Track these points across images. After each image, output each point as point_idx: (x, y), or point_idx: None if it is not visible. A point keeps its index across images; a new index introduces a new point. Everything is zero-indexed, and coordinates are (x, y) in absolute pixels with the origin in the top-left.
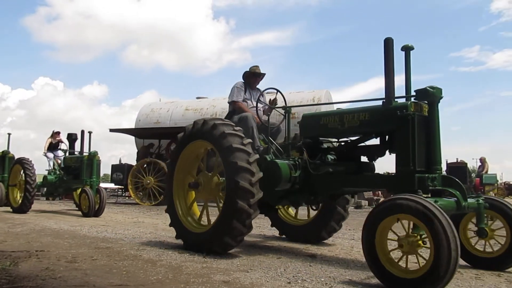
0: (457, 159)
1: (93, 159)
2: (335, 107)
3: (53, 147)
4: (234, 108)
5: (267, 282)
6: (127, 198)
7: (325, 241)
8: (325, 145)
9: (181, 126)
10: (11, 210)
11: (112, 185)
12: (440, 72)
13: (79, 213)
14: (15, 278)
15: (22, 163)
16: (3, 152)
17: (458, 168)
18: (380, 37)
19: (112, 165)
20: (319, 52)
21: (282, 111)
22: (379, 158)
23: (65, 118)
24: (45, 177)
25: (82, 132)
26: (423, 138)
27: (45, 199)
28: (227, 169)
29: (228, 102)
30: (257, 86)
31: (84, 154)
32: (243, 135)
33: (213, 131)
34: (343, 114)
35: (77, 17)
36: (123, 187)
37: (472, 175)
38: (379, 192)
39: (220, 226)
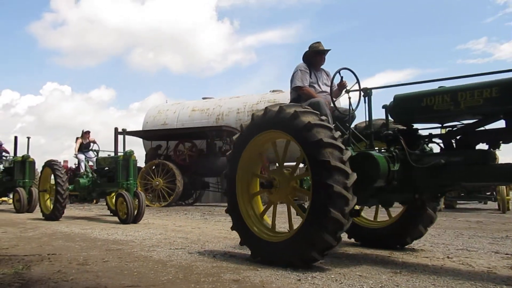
0: None
1: (129, 159)
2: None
3: (84, 148)
4: (300, 94)
5: (277, 280)
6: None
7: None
8: (423, 132)
9: (188, 127)
10: (43, 217)
11: None
12: (447, 65)
13: (89, 216)
14: (27, 281)
15: (52, 166)
16: (23, 156)
17: None
18: (385, 32)
19: None
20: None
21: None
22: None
23: (74, 122)
24: (77, 181)
25: (116, 129)
26: None
27: None
28: (314, 169)
29: (292, 88)
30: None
31: (119, 154)
32: (332, 126)
33: (294, 121)
34: (457, 92)
35: (82, 23)
36: None
37: None
38: None
39: (303, 237)
